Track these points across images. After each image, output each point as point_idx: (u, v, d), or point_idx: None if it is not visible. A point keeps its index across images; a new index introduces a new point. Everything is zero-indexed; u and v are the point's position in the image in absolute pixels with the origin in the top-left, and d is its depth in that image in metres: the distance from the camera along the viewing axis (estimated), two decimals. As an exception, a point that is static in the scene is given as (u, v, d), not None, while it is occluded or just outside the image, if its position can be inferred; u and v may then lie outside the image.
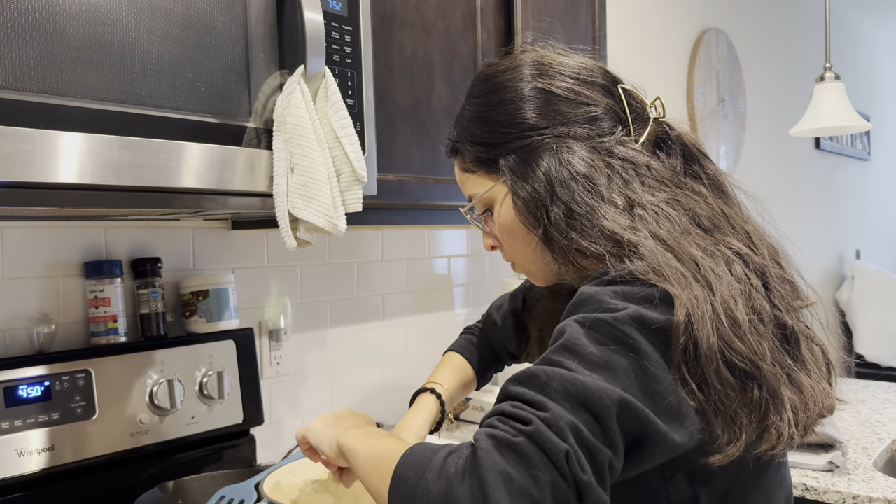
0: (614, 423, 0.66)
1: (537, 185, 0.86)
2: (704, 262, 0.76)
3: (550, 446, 0.63)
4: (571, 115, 0.88)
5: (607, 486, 0.66)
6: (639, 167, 0.85)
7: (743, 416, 0.73)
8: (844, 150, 4.68)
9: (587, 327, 0.71)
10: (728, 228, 0.83)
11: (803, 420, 0.77)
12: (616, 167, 0.85)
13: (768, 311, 0.78)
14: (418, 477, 0.66)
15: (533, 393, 0.67)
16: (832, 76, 2.30)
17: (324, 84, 1.06)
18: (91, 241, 1.33)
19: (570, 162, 0.85)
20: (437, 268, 2.01)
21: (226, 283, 1.45)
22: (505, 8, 1.63)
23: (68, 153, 0.84)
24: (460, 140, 0.96)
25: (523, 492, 0.62)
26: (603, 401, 0.66)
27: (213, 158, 0.98)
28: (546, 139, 0.87)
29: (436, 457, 0.67)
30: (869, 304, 4.50)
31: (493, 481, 0.62)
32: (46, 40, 0.82)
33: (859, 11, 4.81)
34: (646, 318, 0.71)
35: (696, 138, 0.92)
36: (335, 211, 1.04)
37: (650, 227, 0.80)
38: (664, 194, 0.84)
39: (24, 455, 1.15)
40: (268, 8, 1.04)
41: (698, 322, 0.72)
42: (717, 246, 0.80)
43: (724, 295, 0.74)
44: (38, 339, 1.25)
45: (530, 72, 0.91)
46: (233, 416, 1.42)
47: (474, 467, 0.64)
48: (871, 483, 1.44)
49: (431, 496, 0.64)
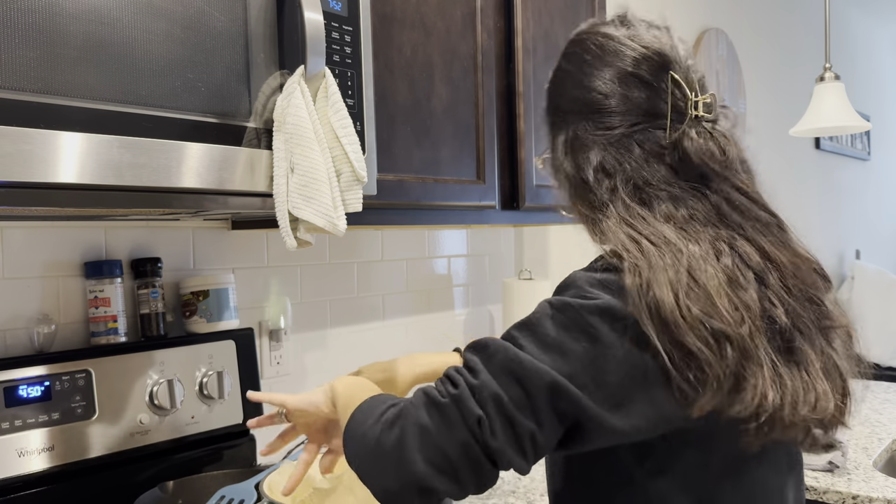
0: (543, 402, 0.73)
1: (555, 162, 0.93)
2: (681, 243, 0.79)
3: (466, 411, 0.73)
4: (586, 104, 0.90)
5: (528, 455, 0.74)
6: (656, 164, 0.86)
7: (716, 369, 0.73)
8: (844, 150, 4.68)
9: (555, 308, 0.77)
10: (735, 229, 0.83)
11: (789, 405, 0.76)
12: (633, 160, 0.86)
13: (755, 301, 0.77)
14: (363, 422, 0.79)
15: (476, 360, 0.76)
16: (832, 76, 2.30)
17: (324, 84, 1.06)
18: (91, 241, 1.33)
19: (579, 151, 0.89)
20: (437, 268, 2.02)
21: (226, 283, 1.45)
22: (505, 8, 1.63)
23: (68, 153, 0.84)
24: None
25: (436, 445, 0.73)
26: (534, 380, 0.73)
27: (213, 158, 0.98)
28: (561, 123, 0.92)
29: (381, 407, 0.79)
30: (869, 304, 4.50)
31: (412, 432, 0.74)
32: (47, 40, 0.82)
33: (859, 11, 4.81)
34: (615, 310, 0.75)
35: (730, 144, 0.88)
36: (335, 211, 1.04)
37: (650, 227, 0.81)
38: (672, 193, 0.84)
39: (24, 455, 1.15)
40: (268, 8, 1.04)
41: (654, 284, 0.74)
42: (717, 241, 0.81)
43: (691, 263, 0.76)
44: (39, 339, 1.25)
45: (569, 50, 0.94)
46: (233, 416, 1.42)
47: (401, 418, 0.76)
48: (871, 483, 1.44)
49: (367, 438, 0.77)
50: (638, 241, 0.80)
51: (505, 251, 2.19)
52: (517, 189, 1.65)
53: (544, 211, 1.74)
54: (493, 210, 1.61)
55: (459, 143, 1.51)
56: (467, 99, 1.52)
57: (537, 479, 1.44)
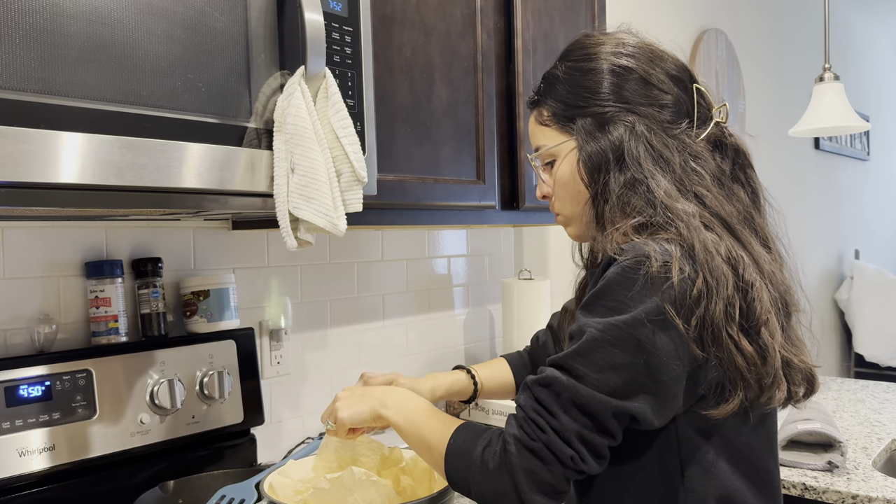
0: (610, 421, 0.86)
1: (606, 147, 0.97)
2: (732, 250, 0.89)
3: (560, 453, 0.86)
4: (649, 98, 0.98)
5: (606, 456, 0.88)
6: (698, 159, 0.96)
7: (750, 377, 0.87)
8: (844, 150, 4.68)
9: (600, 331, 0.86)
10: (750, 232, 0.95)
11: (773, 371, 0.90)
12: (681, 153, 0.95)
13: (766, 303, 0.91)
14: (465, 470, 0.91)
15: (549, 400, 0.87)
16: (831, 76, 2.30)
17: (324, 84, 1.06)
18: (92, 241, 1.33)
19: (643, 136, 0.95)
20: (437, 268, 2.02)
21: (226, 283, 1.45)
22: (505, 8, 1.63)
23: (69, 153, 0.84)
24: (543, 95, 1.05)
25: (543, 481, 0.86)
26: (599, 411, 0.85)
27: (214, 158, 0.98)
28: (622, 112, 0.97)
29: (475, 451, 0.90)
30: (868, 304, 4.50)
31: (522, 476, 0.86)
32: (47, 41, 0.82)
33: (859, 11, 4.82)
34: (662, 313, 0.84)
35: (747, 148, 1.03)
36: (335, 211, 1.04)
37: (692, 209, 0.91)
38: (712, 189, 0.95)
39: (24, 455, 1.16)
40: (268, 8, 1.04)
41: (713, 293, 0.85)
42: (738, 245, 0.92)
43: (744, 277, 0.88)
44: (39, 338, 1.25)
45: (625, 51, 1.01)
46: (233, 416, 1.43)
47: (507, 465, 0.87)
48: (871, 483, 1.44)
49: (482, 487, 0.89)
50: (692, 243, 0.88)
51: (505, 251, 2.19)
52: (517, 189, 1.66)
53: (544, 211, 1.74)
54: (493, 210, 1.61)
55: (459, 144, 1.51)
56: (467, 99, 1.53)
57: (537, 478, 1.45)
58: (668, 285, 0.84)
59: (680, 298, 0.84)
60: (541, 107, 1.06)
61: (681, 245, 0.87)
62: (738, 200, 0.97)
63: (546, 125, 1.04)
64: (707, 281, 0.85)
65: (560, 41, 1.76)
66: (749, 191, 1.00)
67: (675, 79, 1.00)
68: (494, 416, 1.83)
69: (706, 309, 0.85)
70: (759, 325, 0.88)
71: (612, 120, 0.98)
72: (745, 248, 0.92)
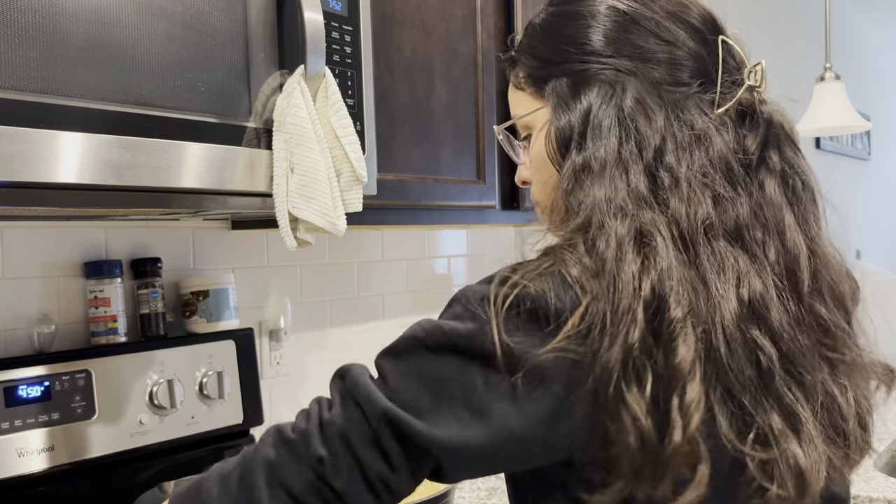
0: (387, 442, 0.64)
1: (574, 118, 0.74)
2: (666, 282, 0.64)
3: (311, 449, 0.65)
4: (645, 50, 0.74)
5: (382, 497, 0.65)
6: (696, 135, 0.71)
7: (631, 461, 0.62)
8: (844, 149, 4.68)
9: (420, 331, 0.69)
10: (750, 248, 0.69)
11: None
12: (671, 128, 0.71)
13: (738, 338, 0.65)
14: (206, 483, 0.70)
15: (334, 390, 0.69)
16: (832, 76, 2.30)
17: (324, 84, 1.06)
18: (91, 241, 1.33)
19: (618, 102, 0.72)
20: (437, 268, 2.01)
21: (226, 283, 1.45)
22: (505, 8, 1.63)
23: (68, 153, 0.84)
24: (519, 50, 0.83)
25: (281, 482, 0.65)
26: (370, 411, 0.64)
27: (213, 158, 0.98)
28: (605, 69, 0.74)
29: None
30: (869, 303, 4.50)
31: (259, 469, 0.66)
32: (47, 40, 0.82)
33: (859, 11, 4.81)
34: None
35: (789, 122, 0.78)
36: (335, 211, 1.04)
37: (627, 213, 0.67)
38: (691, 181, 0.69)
39: (24, 455, 1.15)
40: (268, 8, 1.04)
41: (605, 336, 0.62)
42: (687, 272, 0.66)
43: (665, 321, 0.63)
44: (38, 339, 1.25)
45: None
46: (233, 416, 1.42)
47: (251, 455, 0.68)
48: (872, 483, 1.44)
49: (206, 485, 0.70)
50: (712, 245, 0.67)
51: (505, 251, 2.19)
52: (517, 189, 1.65)
53: (544, 211, 1.74)
54: (493, 210, 1.61)
55: (459, 143, 1.51)
56: (467, 99, 1.52)
57: (537, 479, 1.45)
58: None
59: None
60: (516, 65, 0.83)
61: (571, 273, 0.65)
62: (752, 197, 0.71)
63: (521, 88, 0.82)
64: (606, 319, 0.62)
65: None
66: (783, 181, 0.73)
67: (689, 27, 0.75)
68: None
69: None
70: (669, 391, 0.61)
71: (588, 80, 0.74)
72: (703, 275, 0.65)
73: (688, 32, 0.75)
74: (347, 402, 0.67)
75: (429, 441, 0.63)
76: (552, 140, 0.76)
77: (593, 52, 0.75)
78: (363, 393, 0.66)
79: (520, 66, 0.82)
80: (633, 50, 0.74)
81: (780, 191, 0.73)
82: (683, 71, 0.74)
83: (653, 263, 0.64)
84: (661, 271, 0.64)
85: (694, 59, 0.74)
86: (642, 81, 0.73)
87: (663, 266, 0.64)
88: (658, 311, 0.63)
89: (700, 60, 0.74)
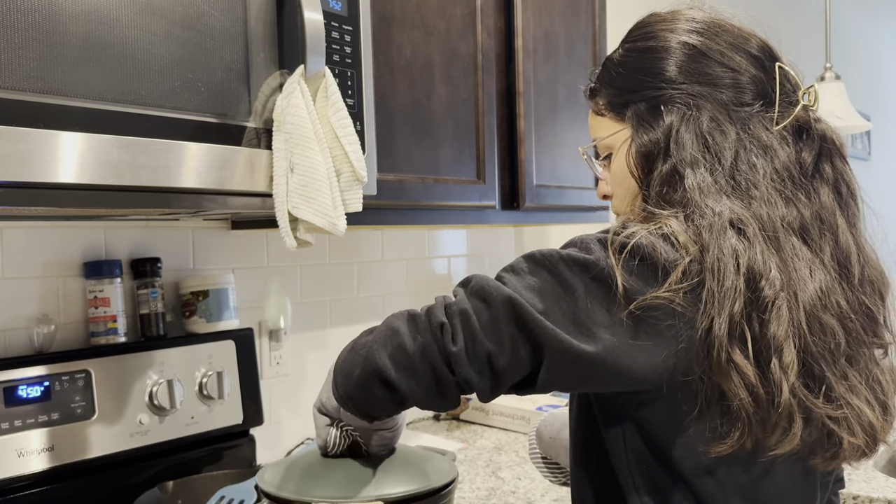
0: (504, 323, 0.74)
1: (657, 136, 0.86)
2: (759, 262, 0.76)
3: (434, 318, 0.77)
4: (713, 77, 0.86)
5: (485, 376, 0.75)
6: (763, 148, 0.83)
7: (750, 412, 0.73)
8: (844, 149, 4.68)
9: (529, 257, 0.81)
10: (816, 242, 0.81)
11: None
12: (740, 140, 0.83)
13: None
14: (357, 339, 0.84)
15: (458, 289, 0.81)
16: (832, 76, 2.30)
17: (324, 84, 1.06)
18: (91, 241, 1.33)
19: (695, 121, 0.84)
20: (437, 268, 2.01)
21: (225, 283, 1.45)
22: (505, 8, 1.63)
23: (68, 153, 0.84)
24: (600, 81, 0.95)
25: (400, 344, 0.77)
26: (495, 297, 0.75)
27: (213, 158, 0.98)
28: (679, 94, 0.86)
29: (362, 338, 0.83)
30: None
31: (383, 334, 0.79)
32: (46, 40, 0.82)
33: (859, 11, 4.81)
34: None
35: (839, 137, 0.89)
36: (335, 211, 1.04)
37: (725, 207, 0.78)
38: (767, 186, 0.81)
39: (23, 455, 1.15)
40: (268, 8, 1.04)
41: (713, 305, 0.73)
42: (772, 257, 0.78)
43: (761, 295, 0.75)
44: (38, 339, 1.25)
45: (685, 27, 0.90)
46: (233, 417, 1.42)
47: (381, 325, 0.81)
48: (872, 483, 1.43)
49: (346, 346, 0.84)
50: (781, 253, 0.77)
51: (505, 251, 2.19)
52: (517, 189, 1.65)
53: (544, 211, 1.74)
54: (493, 210, 1.61)
55: (459, 143, 1.50)
56: (467, 99, 1.52)
57: (537, 479, 1.44)
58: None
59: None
60: (597, 95, 0.95)
61: (692, 246, 0.75)
62: (811, 202, 0.82)
63: (601, 115, 0.94)
64: (713, 289, 0.73)
65: (560, 40, 1.76)
66: (833, 186, 0.86)
67: (750, 56, 0.88)
68: (494, 417, 1.83)
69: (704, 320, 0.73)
70: (769, 354, 0.74)
71: (667, 103, 0.86)
72: (786, 262, 0.77)
73: (749, 60, 0.88)
74: (472, 293, 0.78)
75: (544, 330, 0.73)
76: (633, 155, 0.88)
77: (668, 80, 0.87)
78: (491, 286, 0.77)
79: (600, 96, 0.95)
80: (703, 77, 0.86)
81: (832, 197, 0.85)
82: (746, 93, 0.86)
83: (748, 244, 0.75)
84: (756, 253, 0.75)
85: (755, 83, 0.87)
86: (713, 103, 0.85)
87: (757, 249, 0.75)
88: (755, 286, 0.74)
89: (760, 84, 0.87)
